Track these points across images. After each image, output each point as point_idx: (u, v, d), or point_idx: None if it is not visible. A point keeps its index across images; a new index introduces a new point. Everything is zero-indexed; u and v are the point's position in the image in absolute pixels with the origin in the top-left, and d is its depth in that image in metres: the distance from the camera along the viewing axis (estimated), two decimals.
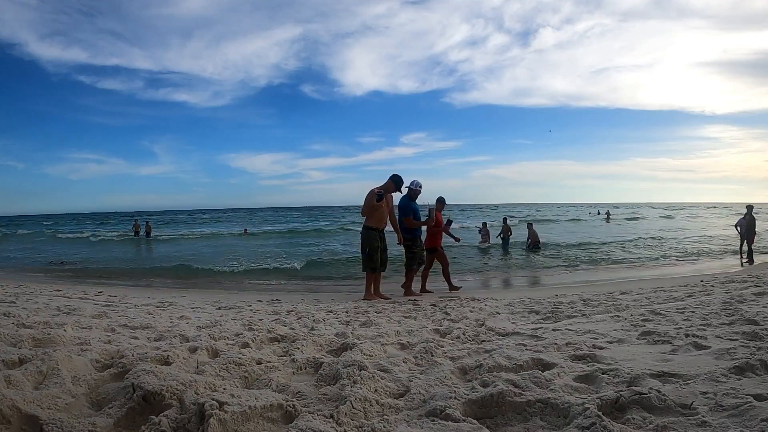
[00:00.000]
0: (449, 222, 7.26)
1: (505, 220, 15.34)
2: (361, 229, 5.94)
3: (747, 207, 11.85)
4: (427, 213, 6.21)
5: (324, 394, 1.48)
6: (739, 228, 11.92)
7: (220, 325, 3.03)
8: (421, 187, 6.18)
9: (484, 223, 16.21)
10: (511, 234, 14.65)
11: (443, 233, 6.93)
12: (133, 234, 24.35)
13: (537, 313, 3.99)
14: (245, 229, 27.79)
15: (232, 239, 22.62)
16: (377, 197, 5.60)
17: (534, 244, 13.85)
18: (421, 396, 1.46)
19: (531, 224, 14.74)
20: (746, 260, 11.16)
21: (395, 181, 5.81)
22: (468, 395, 1.40)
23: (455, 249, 12.95)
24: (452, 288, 6.65)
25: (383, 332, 2.52)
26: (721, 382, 1.47)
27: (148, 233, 23.19)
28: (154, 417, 1.24)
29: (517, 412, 1.34)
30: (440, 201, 6.99)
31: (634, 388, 1.40)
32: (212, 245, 18.72)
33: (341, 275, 10.03)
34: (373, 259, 5.66)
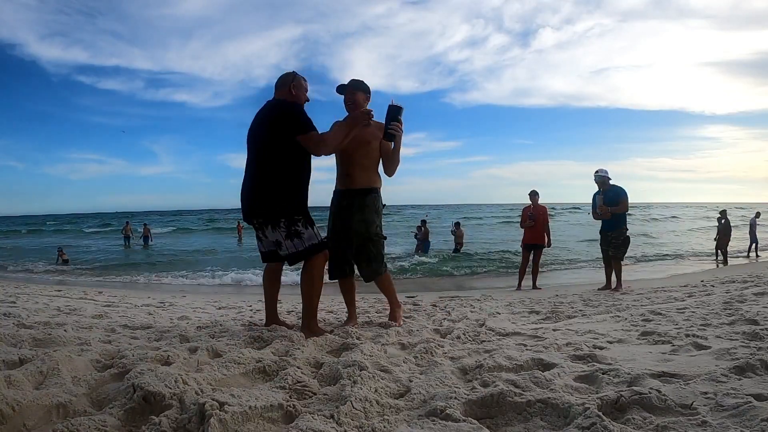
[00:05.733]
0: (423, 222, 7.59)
1: (424, 222, 14.32)
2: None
3: (720, 212, 12.61)
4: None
5: (324, 394, 1.48)
6: (750, 227, 12.66)
7: (221, 325, 3.04)
8: (598, 174, 6.00)
9: (424, 221, 14.41)
10: (428, 237, 13.63)
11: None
12: (123, 240, 19.50)
13: (537, 313, 3.99)
14: (239, 222, 21.85)
15: None
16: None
17: (459, 246, 13.46)
18: (421, 396, 1.46)
19: (458, 224, 14.08)
20: (722, 261, 11.67)
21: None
22: (468, 395, 1.40)
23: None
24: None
25: (383, 332, 2.52)
26: (721, 382, 1.47)
27: (145, 239, 18.96)
28: (154, 417, 1.24)
29: (518, 412, 1.34)
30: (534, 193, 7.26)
31: (634, 388, 1.40)
32: None
33: None
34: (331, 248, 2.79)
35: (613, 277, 6.01)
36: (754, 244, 12.69)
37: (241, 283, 9.66)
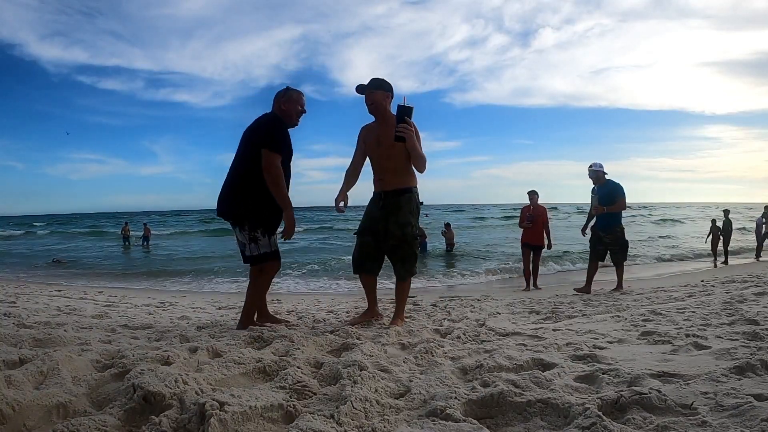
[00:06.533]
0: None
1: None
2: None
3: (723, 211, 12.62)
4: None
5: (324, 394, 1.48)
6: (756, 228, 12.52)
7: (221, 325, 3.04)
8: (591, 168, 5.75)
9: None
10: (426, 238, 13.91)
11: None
12: (122, 241, 19.71)
13: (537, 313, 3.99)
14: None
15: None
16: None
17: (450, 247, 13.98)
18: (421, 396, 1.46)
19: (449, 225, 14.51)
20: (722, 261, 11.55)
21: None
22: (468, 395, 1.40)
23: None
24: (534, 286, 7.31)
25: (383, 332, 2.52)
26: (721, 382, 1.46)
27: (146, 239, 19.03)
28: (154, 417, 1.24)
29: (518, 412, 1.34)
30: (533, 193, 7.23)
31: (634, 388, 1.40)
32: None
33: None
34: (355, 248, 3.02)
35: (613, 277, 5.98)
36: (757, 246, 12.52)
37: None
